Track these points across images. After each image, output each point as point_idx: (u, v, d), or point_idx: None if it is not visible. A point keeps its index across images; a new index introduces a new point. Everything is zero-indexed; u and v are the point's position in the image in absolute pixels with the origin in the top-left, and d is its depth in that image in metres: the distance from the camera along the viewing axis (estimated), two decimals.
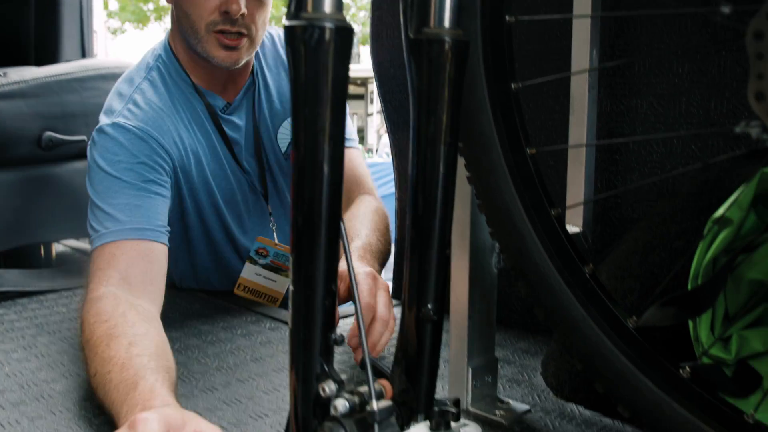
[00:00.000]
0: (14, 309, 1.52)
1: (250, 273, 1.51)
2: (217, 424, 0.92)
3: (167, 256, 1.18)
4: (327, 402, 0.64)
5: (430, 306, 0.71)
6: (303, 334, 0.63)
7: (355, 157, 1.47)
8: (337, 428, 0.63)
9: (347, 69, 0.61)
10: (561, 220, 0.77)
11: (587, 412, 0.95)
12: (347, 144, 1.42)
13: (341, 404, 0.63)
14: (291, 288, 0.63)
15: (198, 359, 1.18)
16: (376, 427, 0.61)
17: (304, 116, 0.60)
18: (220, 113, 1.41)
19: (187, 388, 1.05)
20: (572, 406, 0.97)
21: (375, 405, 0.61)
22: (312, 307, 0.62)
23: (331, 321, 0.63)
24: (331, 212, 0.61)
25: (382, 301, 1.04)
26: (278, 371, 1.12)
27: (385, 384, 0.69)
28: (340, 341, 0.64)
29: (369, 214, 1.33)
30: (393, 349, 0.76)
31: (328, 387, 0.64)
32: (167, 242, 1.19)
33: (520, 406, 0.96)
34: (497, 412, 0.94)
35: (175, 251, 1.56)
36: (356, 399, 0.63)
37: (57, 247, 2.11)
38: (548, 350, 1.07)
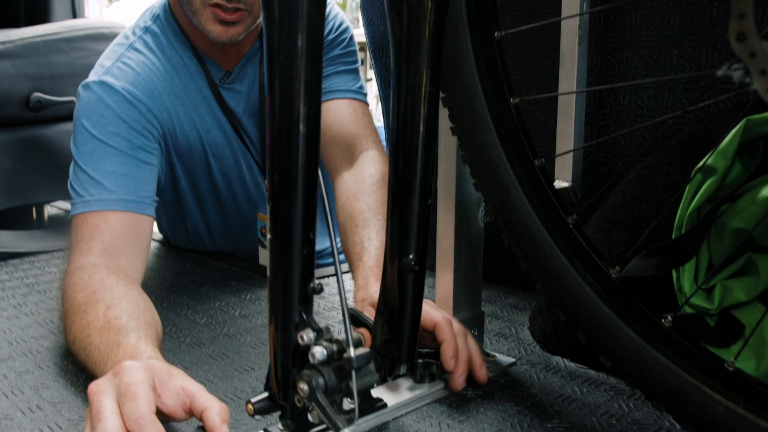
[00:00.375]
0: (6, 269, 1.52)
1: (264, 258, 1.48)
2: (203, 378, 0.93)
3: (152, 227, 1.16)
4: (306, 351, 0.64)
5: (411, 256, 0.71)
6: (281, 283, 0.63)
7: (358, 108, 1.35)
8: (315, 376, 0.63)
9: (322, 14, 0.60)
10: (545, 171, 0.76)
11: (572, 365, 0.95)
12: (352, 95, 1.34)
13: (319, 352, 0.63)
14: (269, 236, 0.62)
15: (186, 316, 1.18)
16: (353, 373, 0.61)
17: (278, 63, 0.59)
18: (219, 82, 1.33)
19: (175, 344, 1.05)
20: (558, 359, 0.97)
21: (352, 352, 0.61)
22: (290, 256, 0.62)
23: (309, 270, 0.63)
24: (308, 159, 0.60)
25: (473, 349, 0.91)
26: (266, 327, 1.12)
27: (363, 332, 0.69)
28: (319, 290, 0.64)
29: (377, 196, 1.17)
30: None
31: (307, 335, 0.64)
32: (153, 214, 1.15)
33: (506, 359, 0.96)
34: None
35: (169, 214, 1.56)
36: (334, 347, 0.63)
37: (49, 210, 2.10)
38: (536, 305, 1.07)
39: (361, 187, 1.18)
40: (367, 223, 1.07)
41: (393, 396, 0.84)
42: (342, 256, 1.52)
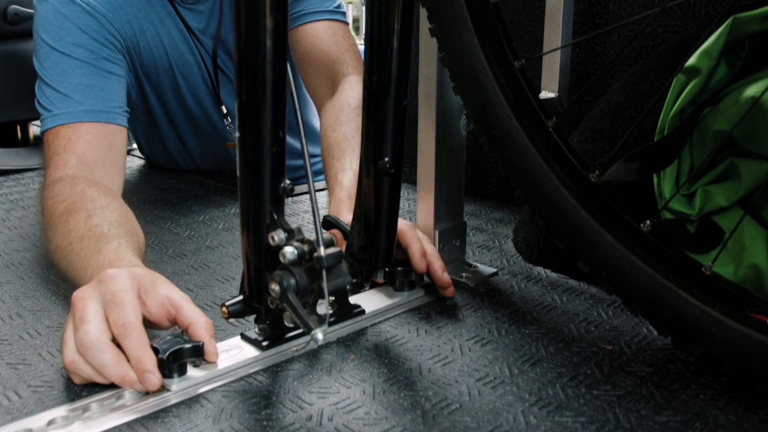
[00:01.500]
0: None
1: None
2: (184, 288, 0.92)
3: (126, 137, 1.14)
4: (278, 252, 0.64)
5: (386, 159, 0.70)
6: (251, 183, 0.62)
7: (337, 30, 1.32)
8: (286, 276, 0.63)
9: None
10: (525, 73, 0.74)
11: (554, 275, 0.95)
12: (329, 16, 1.31)
13: (290, 252, 0.62)
14: (237, 135, 0.61)
15: (169, 229, 1.17)
16: (323, 273, 0.60)
17: None
18: (181, 1, 1.29)
19: (157, 255, 1.05)
20: (539, 270, 0.97)
21: (322, 251, 0.60)
22: (259, 154, 0.61)
23: (280, 169, 0.62)
24: (276, 52, 0.58)
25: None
26: None
27: (336, 233, 0.68)
28: (290, 191, 0.63)
29: (355, 125, 1.12)
30: None
31: (278, 236, 0.63)
32: (126, 123, 1.13)
33: (488, 270, 0.96)
34: (464, 275, 0.94)
35: (146, 136, 1.54)
36: (305, 247, 0.63)
37: (34, 129, 2.08)
38: (520, 216, 1.06)
39: (339, 116, 1.15)
40: (342, 154, 1.05)
41: (371, 303, 0.84)
42: (314, 160, 1.51)
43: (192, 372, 0.69)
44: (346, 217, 0.88)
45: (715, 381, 0.68)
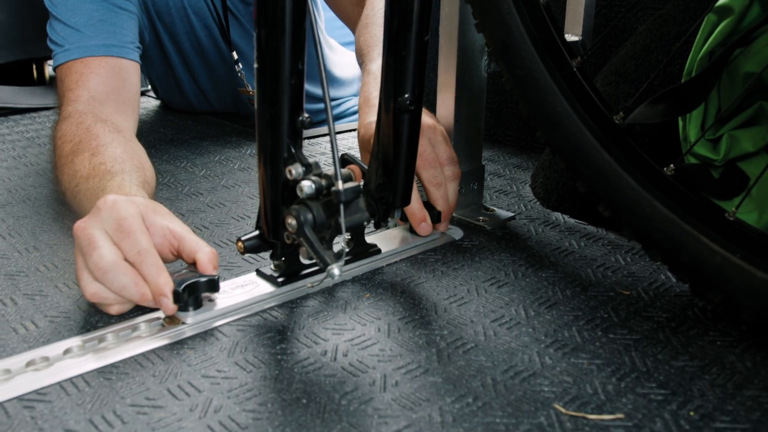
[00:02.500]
0: (6, 124, 1.51)
1: None
2: (200, 225, 0.92)
3: (139, 73, 1.12)
4: (295, 186, 0.63)
5: (407, 96, 0.68)
6: (269, 115, 0.61)
7: None
8: (303, 211, 0.62)
9: None
10: (549, 10, 0.72)
11: (571, 221, 0.94)
12: None
13: (307, 186, 0.61)
14: (255, 66, 0.59)
15: (185, 168, 1.17)
16: (341, 207, 0.59)
17: None
18: None
19: (173, 193, 1.05)
20: (557, 215, 0.96)
21: (340, 185, 0.59)
22: (278, 86, 0.59)
23: (298, 102, 0.61)
24: None
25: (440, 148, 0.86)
26: None
27: (354, 169, 0.67)
28: (308, 124, 0.62)
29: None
30: None
31: (295, 170, 0.62)
32: (138, 59, 1.12)
33: (505, 214, 0.95)
34: (481, 218, 0.93)
35: (161, 79, 1.52)
36: (323, 182, 0.62)
37: (49, 69, 2.06)
38: (539, 162, 1.05)
39: (365, 17, 1.13)
40: (373, 48, 1.03)
41: (387, 243, 0.84)
42: (334, 105, 1.49)
43: (207, 306, 0.69)
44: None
45: (732, 328, 0.67)
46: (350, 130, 1.42)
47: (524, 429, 0.53)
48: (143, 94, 1.77)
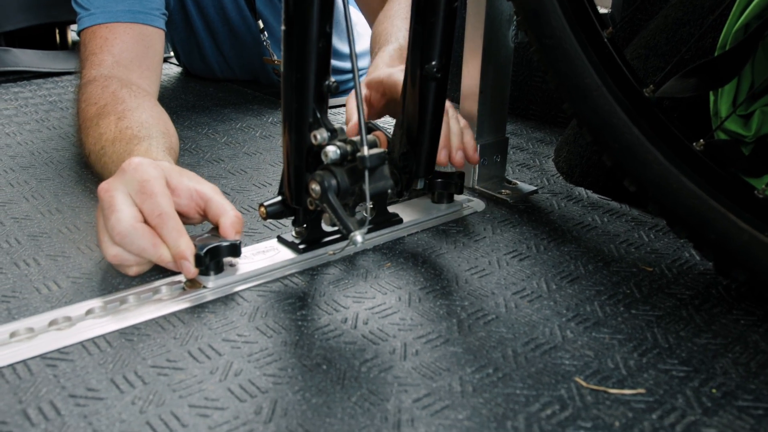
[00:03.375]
0: (29, 88, 1.51)
1: None
2: (221, 191, 0.92)
3: (163, 40, 1.12)
4: (319, 151, 0.62)
5: (434, 63, 0.68)
6: (295, 79, 0.60)
7: None
8: (327, 176, 0.61)
9: None
10: None
11: (595, 196, 0.93)
12: None
13: (332, 151, 0.61)
14: (283, 28, 0.59)
15: (207, 135, 1.17)
16: (366, 174, 0.59)
17: None
18: None
19: (194, 159, 1.04)
20: (580, 190, 0.95)
21: (366, 151, 0.58)
22: (305, 49, 0.59)
23: (325, 66, 0.60)
24: None
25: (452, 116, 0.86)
26: None
27: (379, 135, 0.67)
28: (334, 89, 0.61)
29: (407, 14, 1.08)
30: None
31: (320, 135, 0.62)
32: (163, 26, 1.11)
33: (527, 187, 0.94)
34: (503, 191, 0.92)
35: (184, 45, 1.52)
36: (348, 147, 0.61)
37: (72, 34, 2.06)
38: (563, 136, 1.04)
39: (389, 11, 1.11)
40: (389, 37, 1.02)
41: (409, 213, 0.83)
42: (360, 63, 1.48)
43: (228, 271, 0.69)
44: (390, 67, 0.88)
45: (757, 307, 0.66)
46: None
47: (544, 401, 0.53)
48: (165, 60, 1.77)
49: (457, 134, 0.82)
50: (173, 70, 1.70)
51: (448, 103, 0.82)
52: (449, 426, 0.50)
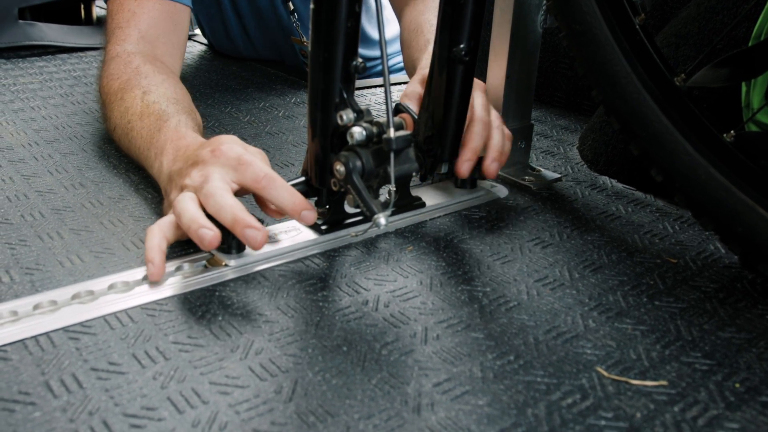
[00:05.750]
0: (54, 63, 1.51)
1: None
2: None
3: (189, 18, 1.11)
4: (345, 132, 0.62)
5: (462, 46, 0.67)
6: (323, 58, 0.59)
7: None
8: (352, 158, 0.61)
9: None
10: None
11: (619, 186, 0.92)
12: None
13: (358, 132, 0.60)
14: (312, 7, 0.58)
15: (230, 113, 1.16)
16: (392, 156, 0.58)
17: None
18: None
19: None
20: (605, 179, 0.94)
21: (392, 133, 0.58)
22: (333, 29, 0.58)
23: (353, 46, 0.60)
24: None
25: (478, 102, 0.82)
26: None
27: (406, 117, 0.66)
28: (362, 69, 0.60)
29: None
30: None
31: (347, 115, 0.61)
32: (190, 3, 1.09)
33: (551, 175, 0.93)
34: (527, 177, 0.91)
35: (210, 21, 1.51)
36: (374, 129, 0.61)
37: (97, 10, 2.07)
38: (588, 124, 1.02)
39: (428, 4, 1.10)
40: (423, 38, 1.01)
41: (432, 197, 0.83)
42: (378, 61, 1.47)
43: (250, 250, 0.69)
44: (418, 86, 0.85)
45: None
46: (399, 83, 1.40)
47: (565, 390, 0.52)
48: (189, 38, 1.77)
49: (497, 148, 0.81)
50: (197, 48, 1.70)
51: (494, 113, 0.81)
52: (469, 411, 0.50)
